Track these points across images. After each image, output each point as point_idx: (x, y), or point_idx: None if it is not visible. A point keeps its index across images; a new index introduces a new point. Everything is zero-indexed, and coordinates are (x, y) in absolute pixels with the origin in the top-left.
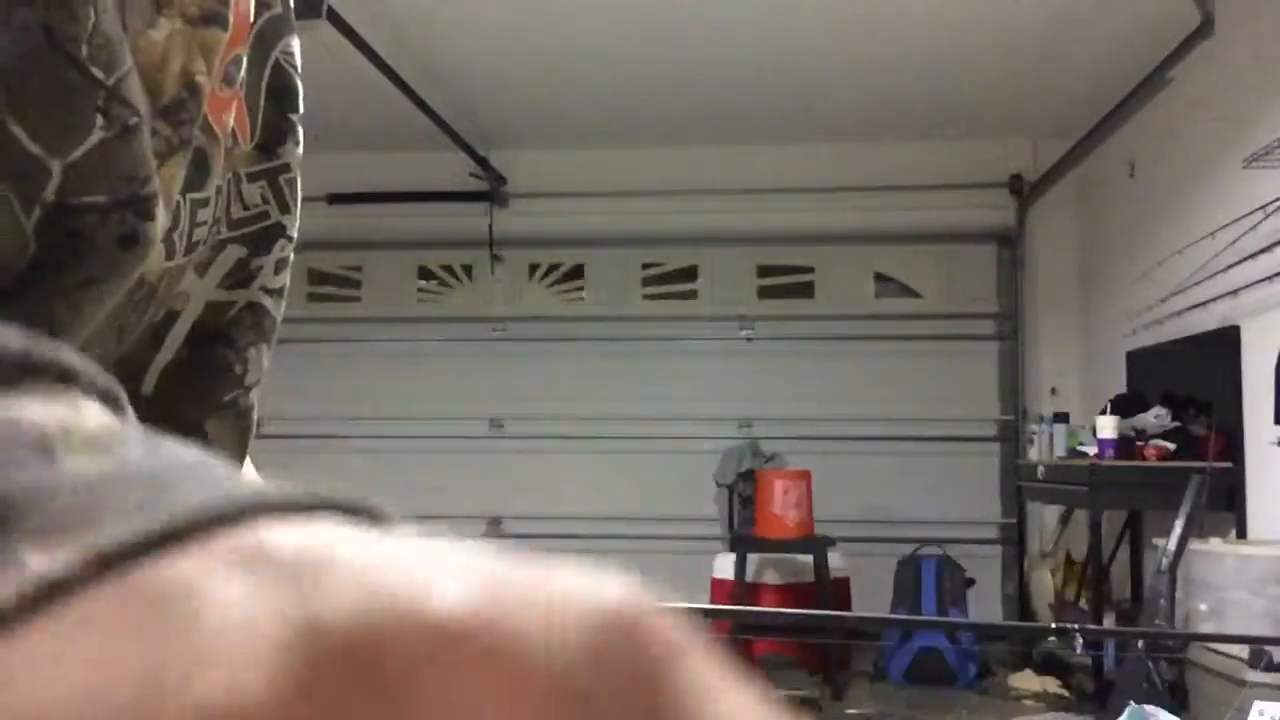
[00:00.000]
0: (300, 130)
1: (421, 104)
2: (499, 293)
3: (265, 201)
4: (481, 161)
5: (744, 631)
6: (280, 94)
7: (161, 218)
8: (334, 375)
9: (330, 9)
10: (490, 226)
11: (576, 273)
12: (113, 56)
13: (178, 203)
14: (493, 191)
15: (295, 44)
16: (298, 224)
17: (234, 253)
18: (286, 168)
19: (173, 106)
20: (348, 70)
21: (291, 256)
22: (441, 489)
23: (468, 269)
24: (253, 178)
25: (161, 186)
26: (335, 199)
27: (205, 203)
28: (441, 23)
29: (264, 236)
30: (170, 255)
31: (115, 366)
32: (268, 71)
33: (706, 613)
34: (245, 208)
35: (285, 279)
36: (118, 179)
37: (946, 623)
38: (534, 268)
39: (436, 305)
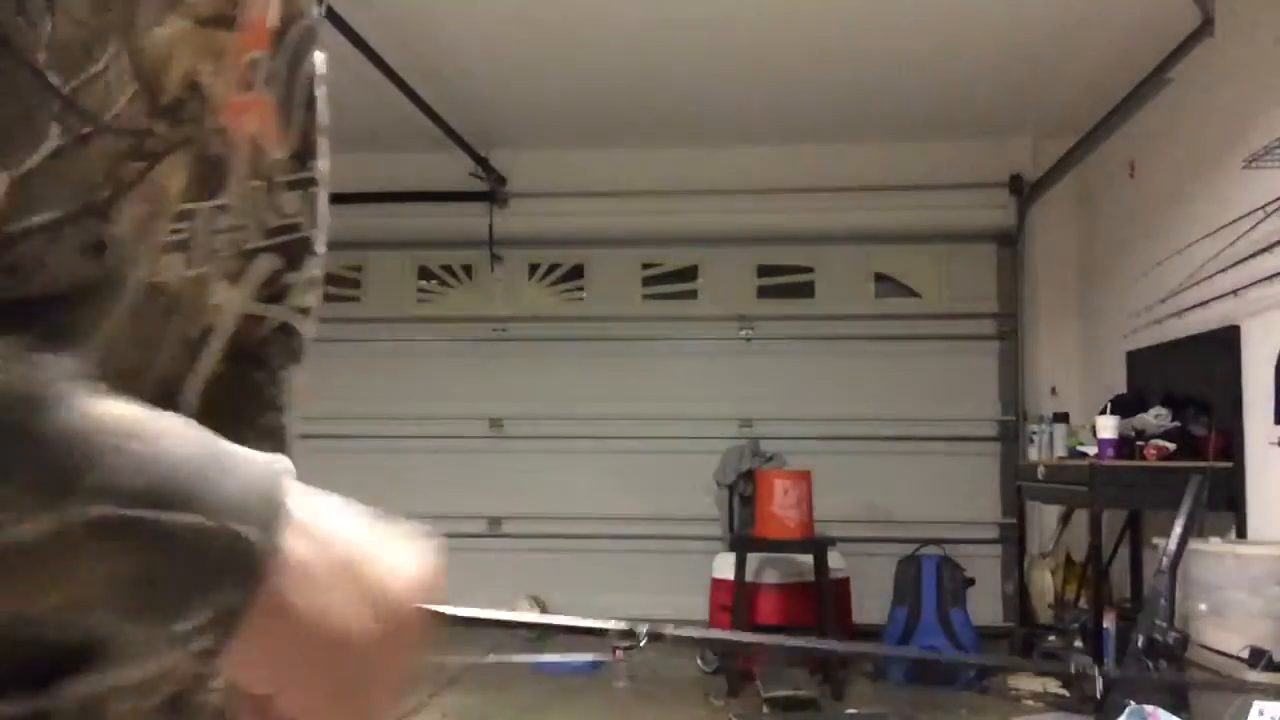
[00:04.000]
0: (326, 145)
1: (421, 104)
2: (499, 293)
3: (300, 213)
4: (481, 161)
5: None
6: (315, 107)
7: (133, 219)
8: (334, 375)
9: (330, 9)
10: (490, 226)
11: (576, 273)
12: (74, 59)
13: (193, 210)
14: (493, 191)
15: (321, 58)
16: (324, 242)
17: (267, 263)
18: (314, 181)
19: (174, 105)
20: (348, 70)
21: (319, 275)
22: (441, 489)
23: (468, 269)
24: (289, 186)
25: (156, 187)
26: (335, 199)
27: (225, 209)
28: (442, 23)
29: (297, 249)
30: (190, 262)
31: (152, 385)
32: (304, 82)
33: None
34: (280, 216)
35: (315, 299)
36: (76, 186)
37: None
38: (534, 268)
39: (436, 305)
